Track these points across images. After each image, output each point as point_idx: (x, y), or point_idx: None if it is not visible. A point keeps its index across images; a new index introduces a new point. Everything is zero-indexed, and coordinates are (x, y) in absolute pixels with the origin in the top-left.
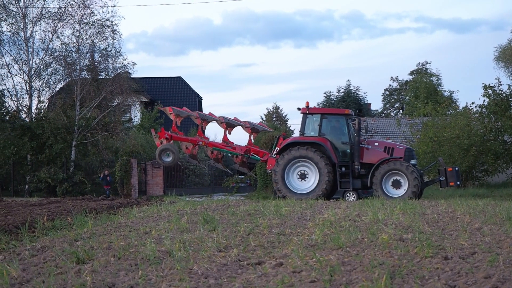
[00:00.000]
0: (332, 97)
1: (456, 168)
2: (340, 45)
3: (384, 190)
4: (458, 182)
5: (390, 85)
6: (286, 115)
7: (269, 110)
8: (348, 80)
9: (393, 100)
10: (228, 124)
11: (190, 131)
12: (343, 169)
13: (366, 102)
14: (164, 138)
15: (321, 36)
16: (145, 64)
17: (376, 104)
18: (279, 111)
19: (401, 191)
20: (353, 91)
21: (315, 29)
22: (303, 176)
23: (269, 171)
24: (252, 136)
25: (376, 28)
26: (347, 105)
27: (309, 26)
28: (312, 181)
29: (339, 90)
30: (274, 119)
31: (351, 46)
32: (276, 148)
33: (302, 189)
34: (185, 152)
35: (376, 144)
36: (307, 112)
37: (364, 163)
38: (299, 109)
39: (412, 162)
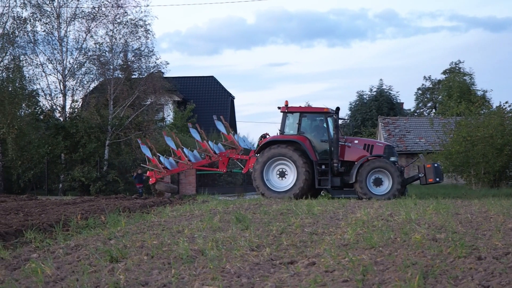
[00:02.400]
0: (365, 97)
1: (436, 165)
2: (374, 44)
3: (368, 189)
4: (438, 179)
5: (423, 84)
6: None
7: None
8: (381, 79)
9: (426, 99)
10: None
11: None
12: (323, 167)
13: (398, 102)
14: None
15: (355, 35)
16: (178, 64)
17: (409, 103)
18: None
19: (383, 189)
20: (385, 91)
21: (349, 28)
22: (282, 174)
23: (251, 170)
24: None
25: (410, 27)
26: (380, 104)
27: (342, 25)
28: (291, 179)
29: (371, 90)
30: None
31: (385, 45)
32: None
33: (281, 187)
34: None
35: (356, 141)
36: (286, 111)
37: (344, 161)
38: (279, 108)
39: (392, 159)
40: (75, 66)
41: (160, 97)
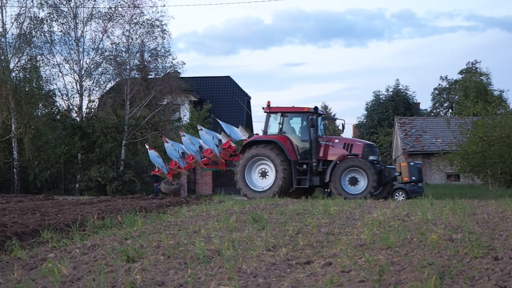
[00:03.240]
0: (381, 97)
1: (412, 163)
2: (391, 44)
3: (343, 188)
4: (414, 178)
5: (439, 84)
6: (334, 114)
7: None
8: (397, 79)
9: (442, 99)
10: None
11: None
12: (305, 166)
13: (415, 102)
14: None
15: (372, 35)
16: (195, 64)
17: (426, 103)
18: (327, 110)
19: (359, 188)
20: (402, 91)
21: (366, 28)
22: (264, 174)
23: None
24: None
25: (427, 27)
26: (396, 104)
27: (359, 25)
28: (271, 179)
29: (388, 90)
30: None
31: (402, 45)
32: None
33: (262, 186)
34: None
35: (337, 141)
36: (268, 111)
37: (326, 160)
38: (263, 108)
39: (371, 158)
40: (92, 66)
41: (176, 97)
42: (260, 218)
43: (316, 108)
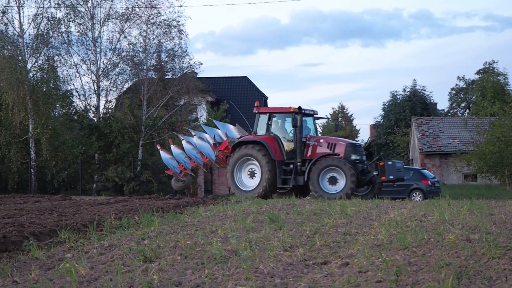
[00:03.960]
0: (398, 97)
1: (390, 162)
2: (408, 44)
3: (321, 187)
4: (391, 177)
5: (456, 85)
6: (351, 114)
7: (335, 110)
8: (414, 80)
9: (459, 99)
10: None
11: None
12: (291, 166)
13: (432, 102)
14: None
15: (389, 35)
16: (212, 64)
17: (443, 103)
18: (344, 110)
19: (337, 188)
20: (419, 91)
21: (383, 28)
22: (252, 174)
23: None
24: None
25: (445, 27)
26: (413, 104)
27: (377, 25)
28: (258, 179)
29: (405, 90)
30: (340, 118)
31: (419, 45)
32: None
33: (250, 186)
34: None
35: (322, 140)
36: (257, 112)
37: (310, 159)
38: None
39: (354, 157)
40: (109, 67)
41: (193, 97)
42: (277, 218)
43: (299, 108)
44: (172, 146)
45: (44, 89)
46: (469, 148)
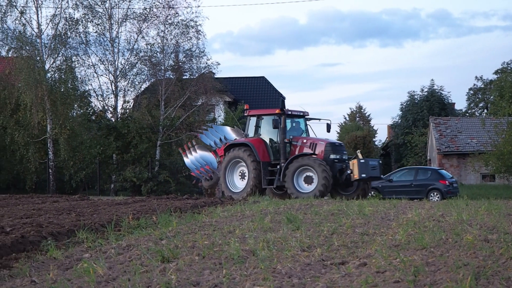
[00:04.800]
0: (416, 97)
1: (363, 161)
2: (426, 44)
3: (295, 186)
4: (363, 175)
5: (474, 85)
6: (369, 114)
7: (352, 110)
8: (432, 80)
9: (477, 99)
10: None
11: None
12: (278, 167)
13: (450, 102)
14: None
15: (407, 35)
16: (230, 64)
17: (460, 103)
18: (362, 110)
19: (312, 187)
20: (437, 91)
21: (402, 28)
22: (243, 176)
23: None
24: None
25: (463, 26)
26: (431, 104)
27: (395, 25)
28: (246, 180)
29: (422, 90)
30: (357, 118)
31: (437, 45)
32: None
33: (240, 187)
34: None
35: (305, 141)
36: (247, 114)
37: None
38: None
39: (333, 156)
40: (127, 67)
41: (211, 97)
42: (294, 219)
43: (282, 109)
44: (186, 159)
45: (62, 90)
46: (487, 148)
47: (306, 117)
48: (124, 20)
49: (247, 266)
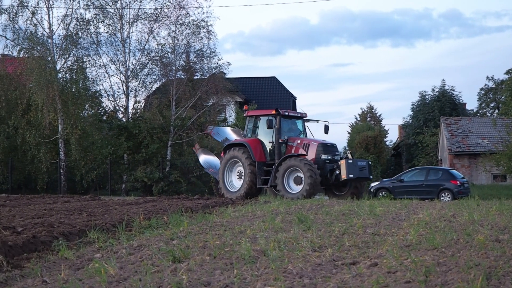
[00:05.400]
0: (427, 97)
1: (350, 161)
2: (438, 44)
3: (285, 186)
4: (351, 175)
5: (485, 85)
6: (380, 115)
7: (363, 110)
8: (443, 80)
9: (488, 99)
10: None
11: None
12: (273, 167)
13: (461, 102)
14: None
15: (419, 35)
16: (241, 64)
17: (472, 103)
18: (373, 110)
19: (300, 187)
20: (448, 91)
21: (413, 28)
22: (240, 176)
23: None
24: None
25: (475, 26)
26: (442, 104)
27: (407, 25)
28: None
29: (433, 90)
30: (368, 119)
31: (449, 45)
32: None
33: (237, 187)
34: None
35: (299, 141)
36: (246, 115)
37: None
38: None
39: (324, 157)
40: (138, 67)
41: (222, 97)
42: (305, 219)
43: (277, 110)
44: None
45: (74, 90)
46: (499, 149)
47: (304, 118)
48: (135, 20)
49: (258, 266)
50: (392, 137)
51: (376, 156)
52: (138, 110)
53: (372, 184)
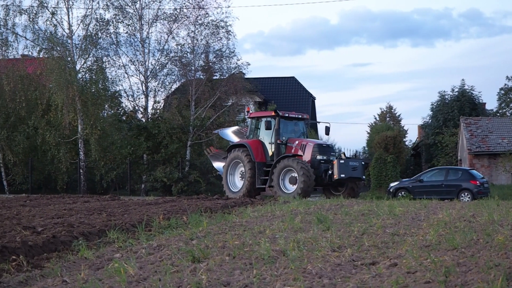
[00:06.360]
0: (446, 97)
1: (342, 161)
2: (458, 43)
3: (280, 186)
4: (343, 175)
5: (505, 84)
6: (399, 115)
7: (383, 110)
8: (463, 79)
9: (508, 99)
10: None
11: None
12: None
13: (481, 102)
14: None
15: (439, 35)
16: (261, 64)
17: (491, 103)
18: (392, 111)
19: (295, 187)
20: (467, 91)
21: (433, 27)
22: (242, 176)
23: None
24: None
25: (495, 26)
26: (462, 104)
27: (426, 24)
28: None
29: (453, 90)
30: (388, 119)
31: (469, 45)
32: None
33: (239, 187)
34: None
35: (297, 142)
36: (249, 117)
37: None
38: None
39: (319, 157)
40: (157, 67)
41: (241, 98)
42: (325, 219)
43: (275, 112)
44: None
45: (93, 90)
46: None
47: (306, 119)
48: (155, 20)
49: (278, 266)
50: (412, 137)
51: (396, 156)
52: (158, 110)
53: (392, 184)
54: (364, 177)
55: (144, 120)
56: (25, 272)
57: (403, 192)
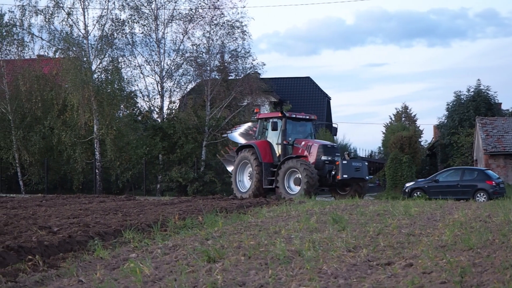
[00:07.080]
0: (462, 97)
1: (344, 162)
2: (474, 43)
3: (285, 187)
4: (345, 176)
5: None
6: (415, 115)
7: (398, 110)
8: (478, 79)
9: None
10: None
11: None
12: None
13: (496, 102)
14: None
15: (455, 35)
16: (276, 64)
17: (507, 103)
18: (408, 111)
19: (299, 188)
20: (483, 91)
21: (449, 27)
22: (251, 176)
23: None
24: None
25: (511, 26)
26: (477, 104)
27: (442, 24)
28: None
29: (469, 90)
30: (403, 119)
31: (485, 45)
32: None
33: (247, 187)
34: None
35: (303, 143)
36: (257, 118)
37: None
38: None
39: (324, 158)
40: (173, 68)
41: (256, 98)
42: (340, 219)
43: (282, 113)
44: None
45: (109, 90)
46: None
47: (313, 120)
48: (170, 21)
49: (293, 266)
50: (427, 137)
51: (411, 156)
52: (173, 110)
53: (407, 185)
54: (367, 177)
55: (159, 120)
56: (41, 272)
57: (418, 192)
